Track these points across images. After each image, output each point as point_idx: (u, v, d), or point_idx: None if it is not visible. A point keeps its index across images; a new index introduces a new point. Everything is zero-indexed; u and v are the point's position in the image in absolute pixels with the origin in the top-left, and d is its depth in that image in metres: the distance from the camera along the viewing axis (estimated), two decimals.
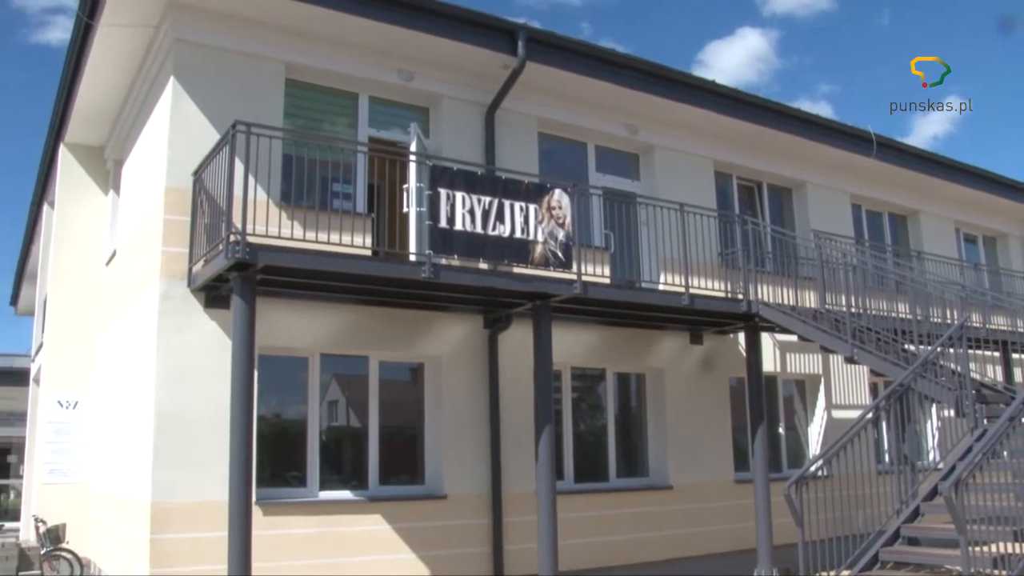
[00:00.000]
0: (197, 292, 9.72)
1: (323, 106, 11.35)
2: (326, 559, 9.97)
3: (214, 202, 9.20)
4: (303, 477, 10.45)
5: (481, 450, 11.26)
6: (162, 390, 9.50)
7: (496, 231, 9.72)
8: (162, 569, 9.18)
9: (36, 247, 19.60)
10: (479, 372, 11.42)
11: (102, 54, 11.57)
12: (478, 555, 11.00)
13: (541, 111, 12.60)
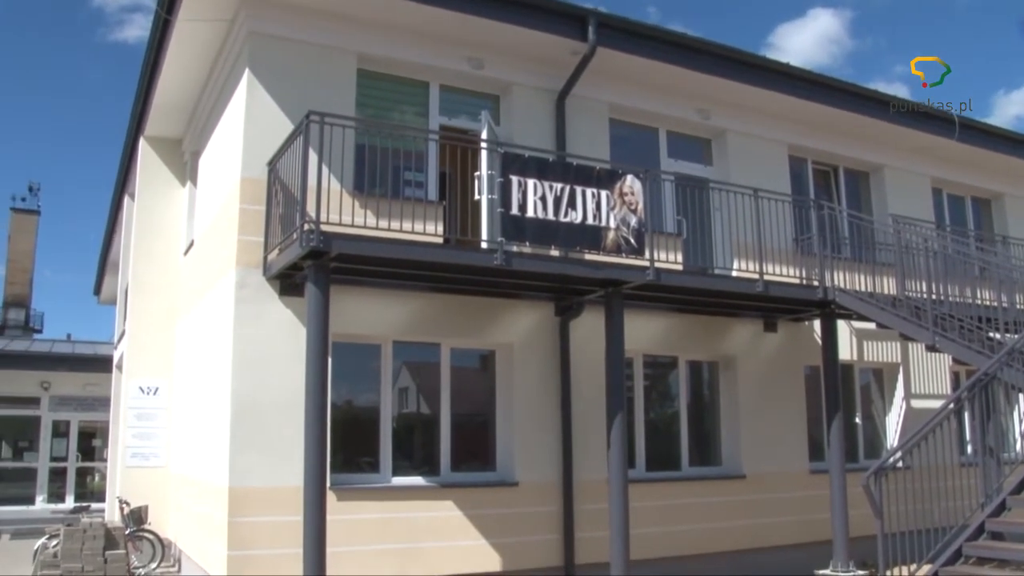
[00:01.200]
0: (272, 280, 9.88)
1: (394, 95, 11.42)
2: (398, 544, 10.08)
3: (288, 192, 9.33)
4: (376, 463, 10.56)
5: (552, 437, 11.25)
6: (239, 377, 9.69)
7: (568, 218, 9.68)
8: (240, 551, 9.38)
9: (118, 238, 20.14)
10: (550, 360, 11.41)
11: (179, 49, 11.82)
12: (549, 542, 11.01)
13: (612, 97, 12.49)
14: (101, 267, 25.95)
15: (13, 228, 42.60)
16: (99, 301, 30.45)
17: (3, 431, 23.68)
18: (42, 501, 22.81)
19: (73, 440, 23.45)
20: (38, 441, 23.28)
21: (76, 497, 22.81)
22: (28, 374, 22.81)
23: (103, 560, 9.47)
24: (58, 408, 23.40)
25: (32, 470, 23.15)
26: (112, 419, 17.79)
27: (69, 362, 23.10)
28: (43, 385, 23.08)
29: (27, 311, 42.89)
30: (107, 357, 21.16)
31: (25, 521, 19.69)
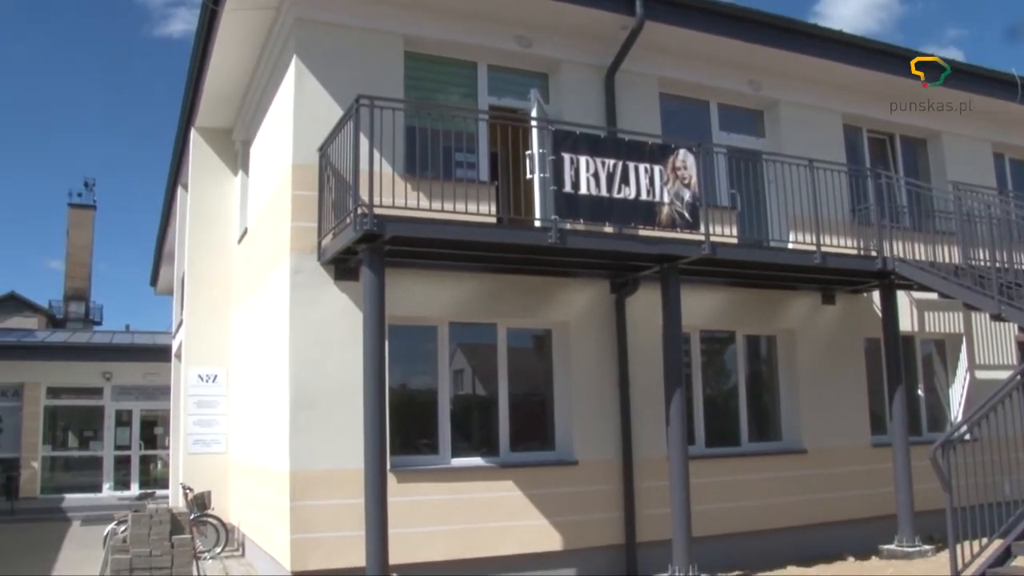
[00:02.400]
0: (327, 265, 9.92)
1: (442, 77, 11.38)
2: (459, 525, 10.12)
3: (340, 176, 9.36)
4: (434, 444, 10.59)
5: (611, 415, 11.19)
6: (296, 362, 9.77)
7: (621, 194, 9.59)
8: (302, 534, 9.48)
9: (172, 229, 20.43)
10: (607, 337, 11.34)
11: (227, 39, 11.90)
12: (610, 520, 10.97)
13: (661, 71, 12.33)
14: (156, 258, 26.34)
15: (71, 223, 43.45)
16: (155, 292, 30.94)
17: (69, 421, 24.23)
18: (108, 488, 23.33)
19: (136, 429, 23.92)
20: (102, 430, 23.79)
21: (140, 484, 23.30)
22: (91, 365, 23.29)
23: (170, 544, 9.61)
24: (120, 397, 23.88)
25: (98, 459, 23.68)
26: (173, 407, 18.09)
27: (129, 352, 23.55)
28: (105, 375, 23.55)
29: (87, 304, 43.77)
30: (166, 346, 21.50)
31: (94, 508, 20.16)
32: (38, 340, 24.64)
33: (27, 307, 47.21)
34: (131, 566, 9.44)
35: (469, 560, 10.08)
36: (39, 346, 23.63)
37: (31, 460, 22.81)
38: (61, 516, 19.98)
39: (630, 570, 10.91)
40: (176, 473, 16.56)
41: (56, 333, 28.23)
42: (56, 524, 18.73)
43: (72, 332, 29.23)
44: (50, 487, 23.10)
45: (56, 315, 44.72)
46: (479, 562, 10.12)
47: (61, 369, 23.23)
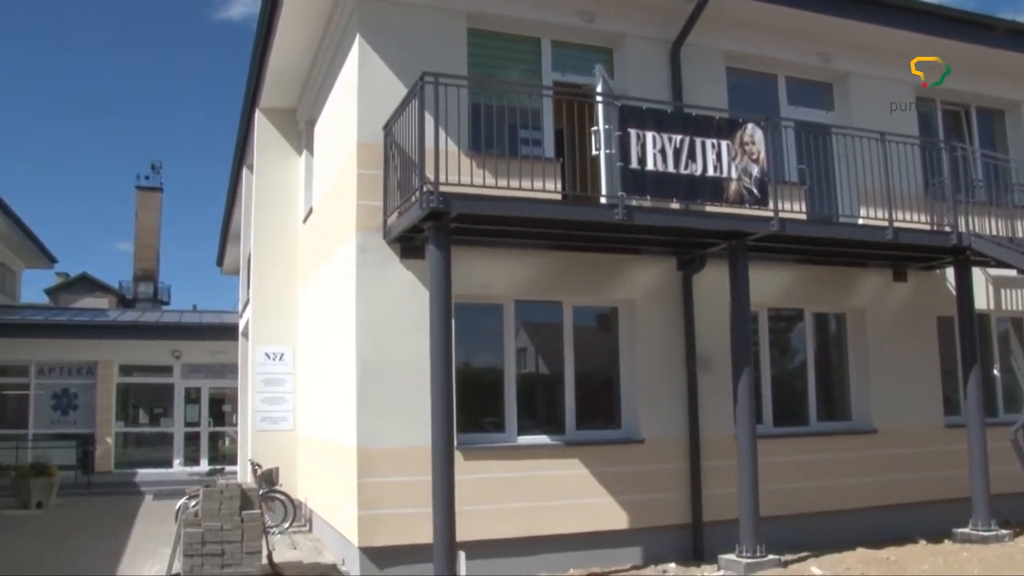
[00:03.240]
0: (393, 243, 9.95)
1: (506, 53, 11.32)
2: (525, 502, 10.13)
3: (405, 154, 9.36)
4: (500, 422, 10.60)
5: (677, 394, 11.10)
6: (363, 340, 9.83)
7: (688, 170, 9.47)
8: (369, 510, 9.58)
9: (238, 209, 20.69)
10: (673, 315, 11.23)
11: (290, 19, 11.97)
12: (676, 499, 10.90)
13: (728, 44, 12.09)
14: (223, 239, 26.74)
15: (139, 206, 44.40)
16: (222, 272, 31.46)
17: (140, 398, 24.77)
18: (179, 464, 23.83)
19: (204, 406, 24.37)
20: (172, 407, 24.28)
21: (209, 460, 23.75)
22: (160, 343, 23.76)
23: (240, 519, 9.73)
24: (189, 375, 24.34)
25: (168, 435, 24.20)
26: (241, 385, 18.38)
27: (198, 331, 23.97)
28: (174, 354, 24.01)
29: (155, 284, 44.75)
30: (233, 325, 21.84)
31: (165, 483, 20.60)
32: (110, 320, 25.22)
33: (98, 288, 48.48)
34: (203, 539, 9.59)
35: (534, 538, 10.11)
36: (111, 325, 24.18)
37: (105, 436, 23.39)
38: (134, 490, 20.46)
39: (696, 550, 10.84)
40: (244, 450, 16.84)
41: (127, 313, 28.90)
42: (130, 498, 19.19)
43: (142, 312, 29.89)
44: (123, 462, 23.67)
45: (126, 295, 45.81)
46: (544, 540, 10.14)
47: (132, 348, 23.76)
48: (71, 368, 23.98)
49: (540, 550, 10.13)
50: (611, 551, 10.48)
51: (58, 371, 23.94)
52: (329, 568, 10.64)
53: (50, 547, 12.92)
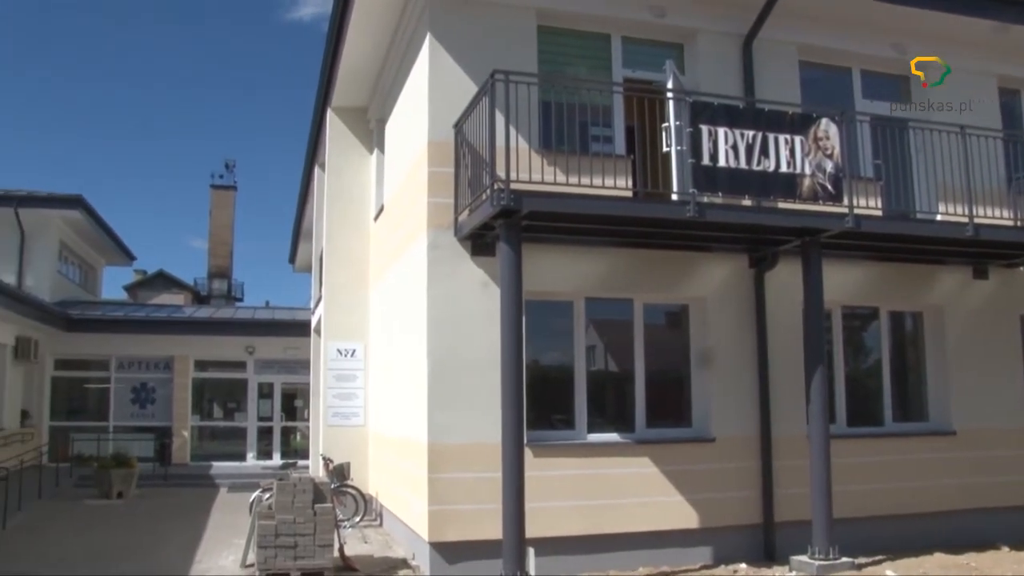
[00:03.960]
0: (463, 241, 10.01)
1: (575, 50, 11.29)
2: (594, 500, 10.13)
3: (476, 152, 9.41)
4: (570, 420, 10.60)
5: (749, 392, 10.97)
6: (434, 336, 9.91)
7: (761, 166, 9.36)
8: (440, 506, 9.66)
9: (310, 207, 21.03)
10: (745, 313, 11.11)
11: (361, 19, 12.10)
12: (747, 499, 10.78)
13: (801, 37, 11.88)
14: (295, 236, 27.18)
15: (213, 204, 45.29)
16: (294, 269, 31.97)
17: (215, 393, 25.29)
18: (252, 458, 24.27)
19: (277, 401, 24.76)
20: (246, 402, 24.74)
21: (282, 454, 24.14)
22: (234, 339, 24.20)
23: (312, 513, 9.91)
24: (262, 371, 24.76)
25: (242, 429, 24.66)
26: (313, 380, 18.66)
27: (270, 327, 24.36)
28: (248, 349, 24.46)
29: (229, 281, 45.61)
30: (305, 322, 22.18)
31: (239, 476, 21.03)
32: (186, 316, 25.77)
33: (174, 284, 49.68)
34: (276, 532, 9.78)
35: (603, 536, 10.10)
36: (187, 321, 24.71)
37: (182, 429, 23.93)
38: (209, 482, 20.92)
39: (767, 550, 10.71)
40: (316, 444, 17.11)
41: (202, 309, 29.50)
42: (205, 489, 19.63)
43: (216, 308, 30.51)
44: (199, 455, 24.18)
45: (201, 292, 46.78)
46: (613, 538, 10.13)
47: (207, 343, 24.25)
48: (149, 363, 24.58)
49: (609, 548, 10.11)
50: (681, 550, 10.41)
51: (137, 366, 24.57)
52: (399, 562, 10.76)
53: (131, 535, 13.31)
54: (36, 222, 24.26)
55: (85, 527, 14.19)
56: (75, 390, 24.65)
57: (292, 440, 24.92)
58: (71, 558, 11.48)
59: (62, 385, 24.20)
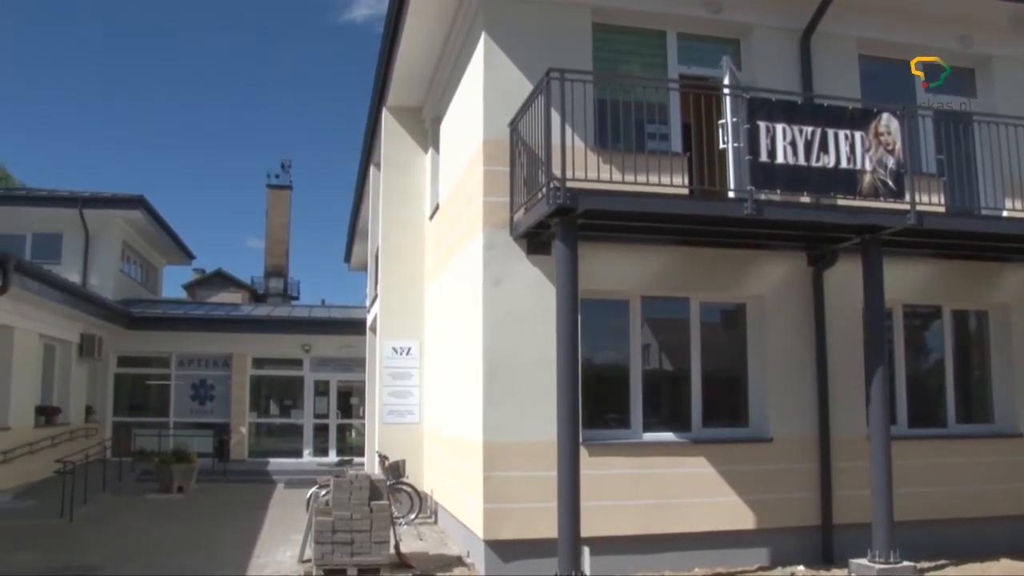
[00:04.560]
0: (519, 239, 10.02)
1: (631, 47, 11.24)
2: (649, 500, 10.09)
3: (531, 151, 9.40)
4: (625, 419, 10.56)
5: (807, 392, 10.83)
6: (489, 335, 9.93)
7: (820, 162, 9.21)
8: (495, 504, 9.69)
9: (365, 206, 21.18)
10: (803, 311, 10.97)
11: (417, 18, 12.18)
12: (806, 500, 10.64)
13: (860, 31, 11.67)
14: (350, 235, 27.40)
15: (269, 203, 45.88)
16: (349, 268, 32.23)
17: (272, 390, 25.63)
18: (308, 455, 24.55)
19: (333, 398, 25.01)
20: (302, 399, 25.03)
21: (337, 451, 24.38)
22: (291, 337, 24.50)
23: (369, 509, 9.99)
24: (318, 369, 25.02)
25: (298, 426, 24.96)
26: (368, 378, 18.81)
27: (326, 326, 24.56)
28: (304, 347, 24.73)
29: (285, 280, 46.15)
30: (360, 320, 22.34)
31: (295, 472, 21.27)
32: (244, 314, 26.14)
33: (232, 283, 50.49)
34: (333, 528, 9.89)
35: (658, 535, 10.06)
36: (245, 319, 25.07)
37: (240, 425, 24.29)
38: (266, 478, 21.19)
39: (826, 553, 10.57)
40: (371, 442, 17.24)
41: (259, 307, 29.85)
42: (262, 485, 19.90)
43: (273, 307, 30.81)
44: (256, 451, 24.51)
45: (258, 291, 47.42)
46: (668, 538, 10.08)
47: (264, 341, 24.59)
48: (208, 360, 24.98)
49: (664, 548, 10.07)
50: (737, 551, 10.33)
51: (196, 363, 24.99)
52: (454, 560, 10.80)
53: (192, 529, 13.54)
54: (100, 223, 24.84)
55: (147, 520, 14.48)
56: (137, 386, 25.17)
57: (347, 437, 25.15)
58: (135, 550, 11.73)
59: (125, 382, 24.72)
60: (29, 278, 15.07)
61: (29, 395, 17.59)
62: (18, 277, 14.16)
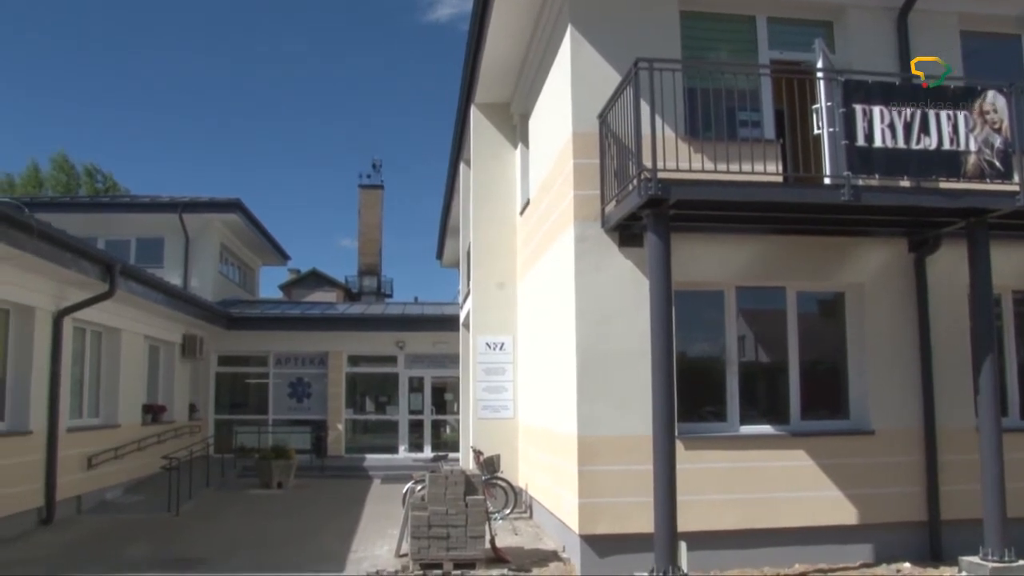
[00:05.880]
0: (610, 232, 9.95)
1: (719, 34, 11.06)
2: (746, 494, 9.93)
3: (621, 142, 9.32)
4: (721, 412, 10.41)
5: (911, 383, 10.50)
6: (582, 329, 9.89)
7: (920, 144, 8.90)
8: (590, 499, 9.64)
9: (456, 203, 21.32)
10: (905, 299, 10.64)
11: (502, 14, 12.21)
12: (910, 495, 10.33)
13: (962, 6, 11.25)
14: (442, 232, 27.62)
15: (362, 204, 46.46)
16: (441, 264, 32.48)
17: (367, 387, 26.01)
18: (404, 450, 24.85)
19: (427, 394, 25.26)
20: (397, 396, 25.34)
21: (432, 447, 24.62)
22: (385, 335, 24.82)
23: (464, 504, 10.06)
24: (412, 365, 25.30)
25: (393, 422, 25.28)
26: (462, 374, 18.93)
27: (420, 322, 24.80)
28: (398, 344, 25.02)
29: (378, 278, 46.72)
30: (453, 316, 22.52)
31: (391, 468, 21.58)
32: (339, 312, 26.58)
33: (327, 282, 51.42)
34: (429, 523, 9.98)
35: (757, 530, 9.90)
36: (340, 318, 25.49)
37: (336, 422, 24.74)
38: (363, 474, 21.53)
39: (933, 550, 10.26)
40: (466, 437, 17.35)
41: (354, 306, 30.31)
42: (359, 481, 20.23)
43: (367, 305, 31.23)
44: (352, 447, 24.91)
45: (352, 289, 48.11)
46: (767, 533, 9.92)
47: (359, 339, 24.96)
48: (305, 358, 25.49)
49: (763, 543, 9.89)
50: (839, 547, 10.08)
51: (293, 361, 25.51)
52: (550, 555, 10.79)
53: (292, 523, 13.85)
54: (199, 226, 25.60)
55: (249, 515, 14.88)
56: (237, 385, 25.81)
57: (442, 433, 25.37)
58: (239, 543, 12.06)
59: (225, 380, 25.39)
60: (134, 281, 15.60)
61: (136, 394, 18.22)
62: (124, 281, 14.67)
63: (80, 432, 14.91)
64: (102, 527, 13.31)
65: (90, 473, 15.14)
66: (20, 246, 10.86)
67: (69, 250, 12.43)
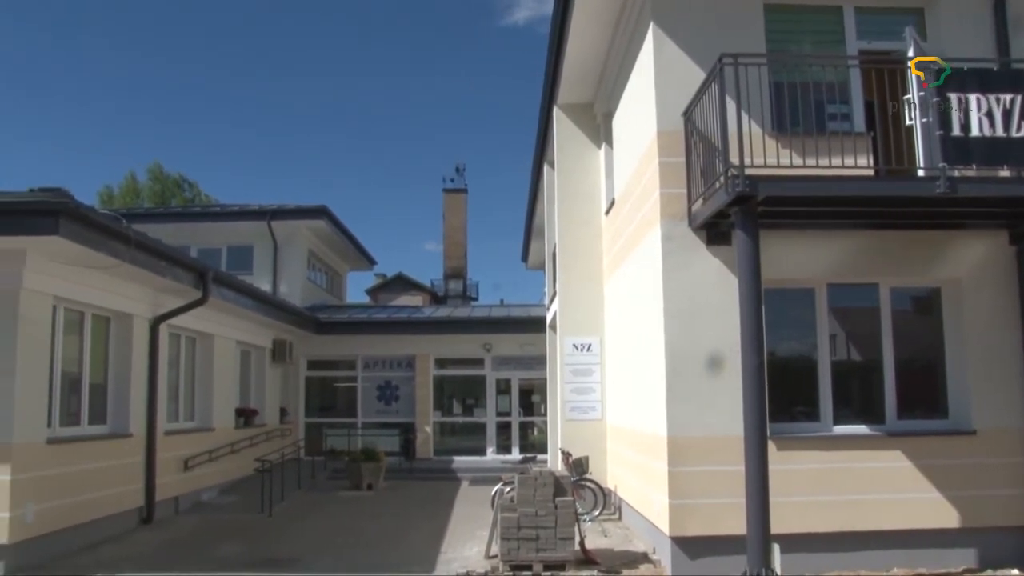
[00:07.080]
0: (698, 231, 9.86)
1: (805, 26, 10.84)
2: (841, 495, 9.72)
3: (707, 140, 9.22)
4: (814, 412, 10.21)
5: (1015, 380, 10.13)
6: (671, 328, 9.81)
7: (1021, 132, 8.57)
8: (681, 500, 9.56)
9: (540, 205, 21.36)
10: (1007, 294, 10.26)
11: (583, 14, 12.24)
12: (1015, 498, 9.95)
13: None
14: (527, 234, 27.70)
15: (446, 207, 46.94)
16: (526, 266, 32.58)
17: (454, 390, 26.20)
18: (492, 452, 24.94)
19: (515, 396, 25.33)
20: (484, 398, 25.47)
21: (520, 449, 24.67)
22: (472, 337, 24.98)
23: (553, 506, 10.06)
24: (499, 367, 25.39)
25: (481, 424, 25.41)
26: (550, 376, 18.96)
27: (506, 325, 24.87)
28: (485, 347, 25.15)
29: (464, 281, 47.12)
30: (539, 318, 22.55)
31: (479, 470, 21.69)
32: (426, 316, 26.83)
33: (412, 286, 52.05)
34: (518, 524, 10.01)
35: (853, 533, 9.69)
36: (427, 321, 25.73)
37: (424, 425, 24.99)
38: (451, 476, 21.68)
39: None
40: (554, 438, 17.36)
41: (440, 309, 30.58)
42: (447, 483, 20.38)
43: (453, 308, 31.49)
44: (440, 450, 25.11)
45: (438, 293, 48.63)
46: (863, 535, 9.70)
47: (446, 342, 25.18)
48: (392, 362, 25.80)
49: (859, 546, 9.68)
50: (939, 551, 9.79)
51: (381, 364, 25.85)
52: (640, 556, 10.72)
53: (382, 524, 14.04)
54: (287, 233, 26.16)
55: (340, 516, 15.13)
56: (326, 388, 26.27)
57: (529, 435, 25.40)
58: (330, 543, 12.27)
59: (314, 384, 25.87)
60: (225, 288, 16.03)
61: (229, 398, 18.71)
62: (216, 287, 15.09)
63: (176, 435, 15.40)
64: (198, 527, 13.72)
65: (187, 475, 15.61)
66: (119, 256, 11.24)
67: (164, 259, 12.84)
